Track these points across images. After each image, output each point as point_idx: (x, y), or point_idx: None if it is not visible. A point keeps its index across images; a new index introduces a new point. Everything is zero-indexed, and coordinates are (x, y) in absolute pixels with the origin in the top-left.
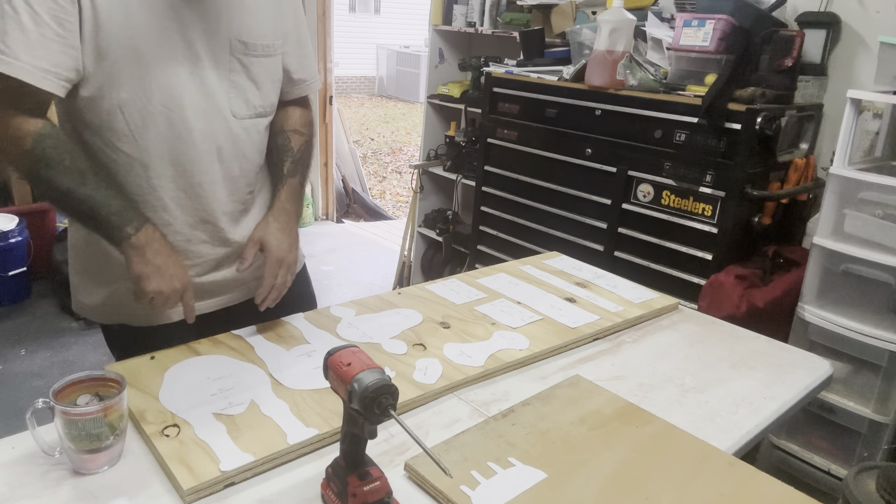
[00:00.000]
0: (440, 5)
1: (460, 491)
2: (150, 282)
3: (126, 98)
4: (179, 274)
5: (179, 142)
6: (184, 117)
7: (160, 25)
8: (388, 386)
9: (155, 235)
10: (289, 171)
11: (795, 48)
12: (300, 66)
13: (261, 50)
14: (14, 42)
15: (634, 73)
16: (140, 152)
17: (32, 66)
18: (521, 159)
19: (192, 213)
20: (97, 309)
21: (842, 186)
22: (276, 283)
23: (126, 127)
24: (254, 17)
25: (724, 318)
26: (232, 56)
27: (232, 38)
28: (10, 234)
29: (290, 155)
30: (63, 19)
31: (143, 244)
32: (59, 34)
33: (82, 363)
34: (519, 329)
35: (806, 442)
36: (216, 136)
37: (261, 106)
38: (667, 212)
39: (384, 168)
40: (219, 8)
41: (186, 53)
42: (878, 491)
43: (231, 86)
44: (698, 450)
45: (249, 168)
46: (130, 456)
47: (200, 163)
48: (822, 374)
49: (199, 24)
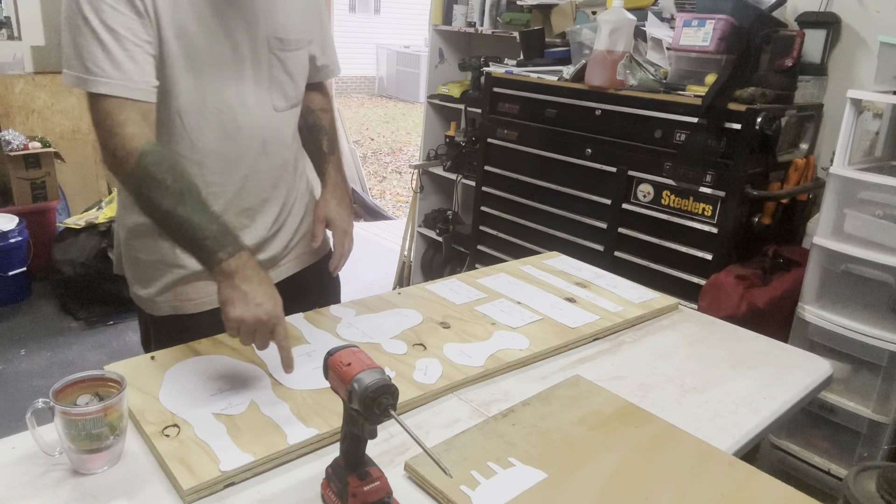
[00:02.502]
0: (440, 5)
1: (460, 491)
2: (234, 308)
3: (183, 103)
4: (267, 304)
5: (229, 139)
6: (233, 116)
7: (209, 32)
8: (388, 386)
9: (248, 262)
10: (328, 149)
11: (795, 48)
12: (323, 52)
13: (294, 44)
14: (102, 62)
15: (634, 73)
16: (195, 152)
17: (123, 79)
18: (521, 159)
19: (239, 203)
20: (149, 300)
21: (842, 186)
22: (344, 251)
23: (183, 130)
24: (286, 13)
25: (724, 318)
26: (270, 53)
27: (270, 36)
28: (10, 234)
29: (324, 133)
30: (137, 30)
31: (234, 270)
32: (137, 44)
33: (82, 363)
34: (519, 329)
35: (806, 442)
36: (261, 131)
37: (295, 97)
38: (667, 212)
39: (384, 168)
40: (257, 9)
41: (233, 56)
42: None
43: (272, 81)
44: (698, 450)
45: (289, 156)
46: (130, 456)
47: (248, 157)
48: (822, 374)
49: (241, 27)
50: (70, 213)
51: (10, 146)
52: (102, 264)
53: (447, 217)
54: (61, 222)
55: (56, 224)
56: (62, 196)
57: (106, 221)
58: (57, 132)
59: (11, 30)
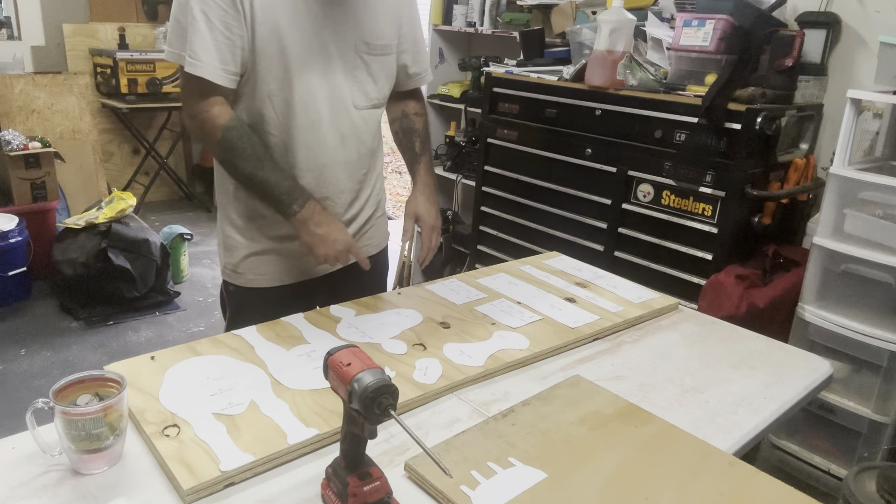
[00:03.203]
0: (440, 5)
1: (460, 491)
2: (317, 248)
3: (274, 89)
4: (341, 238)
5: (312, 129)
6: (316, 108)
7: (301, 28)
8: (388, 386)
9: (316, 209)
10: (420, 150)
11: (795, 48)
12: (415, 61)
13: (380, 49)
14: (197, 47)
15: (634, 73)
16: (283, 135)
17: (211, 65)
18: (521, 159)
19: (316, 190)
20: (230, 269)
21: (842, 186)
22: (431, 245)
23: (273, 114)
24: (375, 20)
25: (724, 318)
26: (356, 54)
27: (357, 39)
28: (10, 234)
29: (417, 135)
30: (231, 25)
31: (307, 218)
32: (228, 37)
33: (82, 363)
34: (519, 329)
35: (806, 442)
36: (340, 125)
37: (377, 98)
38: (667, 212)
39: (384, 168)
40: (347, 12)
41: (321, 52)
42: (878, 491)
43: (354, 80)
44: (698, 450)
45: (365, 152)
46: (130, 456)
47: (326, 147)
48: (822, 374)
49: (331, 27)
50: (70, 213)
51: (10, 146)
52: (102, 264)
53: (447, 217)
54: (61, 222)
55: (56, 224)
56: (62, 196)
57: (106, 221)
58: (57, 132)
59: (11, 30)
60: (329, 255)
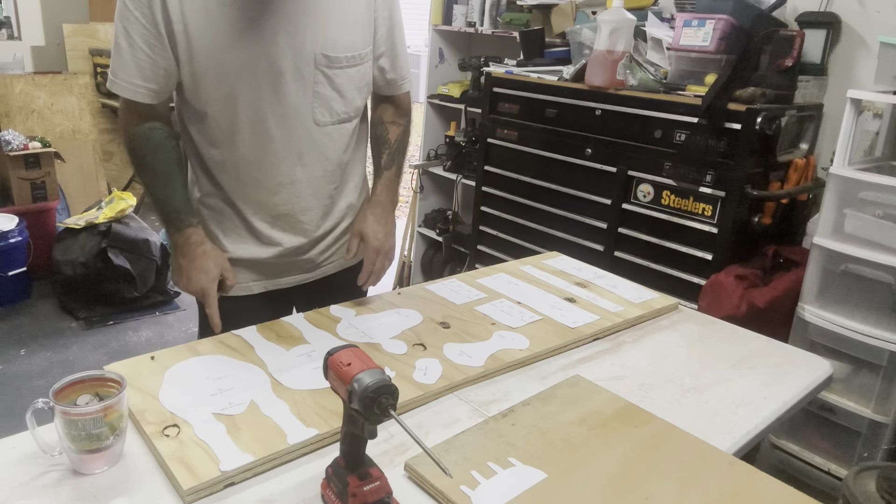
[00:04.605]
0: (440, 5)
1: (460, 491)
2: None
3: (217, 110)
4: (195, 279)
5: (262, 149)
6: (266, 128)
7: (244, 46)
8: (388, 386)
9: (191, 238)
10: (385, 164)
11: (795, 48)
12: (393, 66)
13: (345, 62)
14: (116, 65)
15: (634, 73)
16: (230, 155)
17: (128, 82)
18: (521, 159)
19: (274, 208)
20: None
21: (842, 186)
22: (375, 269)
23: (219, 132)
24: (341, 30)
25: (724, 318)
26: (316, 69)
27: (317, 52)
28: (10, 234)
29: (387, 147)
30: (154, 45)
31: (180, 244)
32: (149, 56)
33: (82, 363)
34: (519, 329)
35: (806, 442)
36: (296, 143)
37: (344, 112)
38: (667, 212)
39: None
40: (305, 24)
41: (269, 70)
42: (878, 491)
43: (315, 97)
44: (698, 450)
45: (332, 168)
46: (130, 456)
47: (281, 166)
48: (822, 374)
49: (282, 42)
50: (70, 213)
51: (10, 146)
52: (102, 264)
53: (447, 217)
54: (61, 222)
55: (56, 224)
56: (62, 196)
57: (106, 221)
58: (57, 132)
59: (11, 30)
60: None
